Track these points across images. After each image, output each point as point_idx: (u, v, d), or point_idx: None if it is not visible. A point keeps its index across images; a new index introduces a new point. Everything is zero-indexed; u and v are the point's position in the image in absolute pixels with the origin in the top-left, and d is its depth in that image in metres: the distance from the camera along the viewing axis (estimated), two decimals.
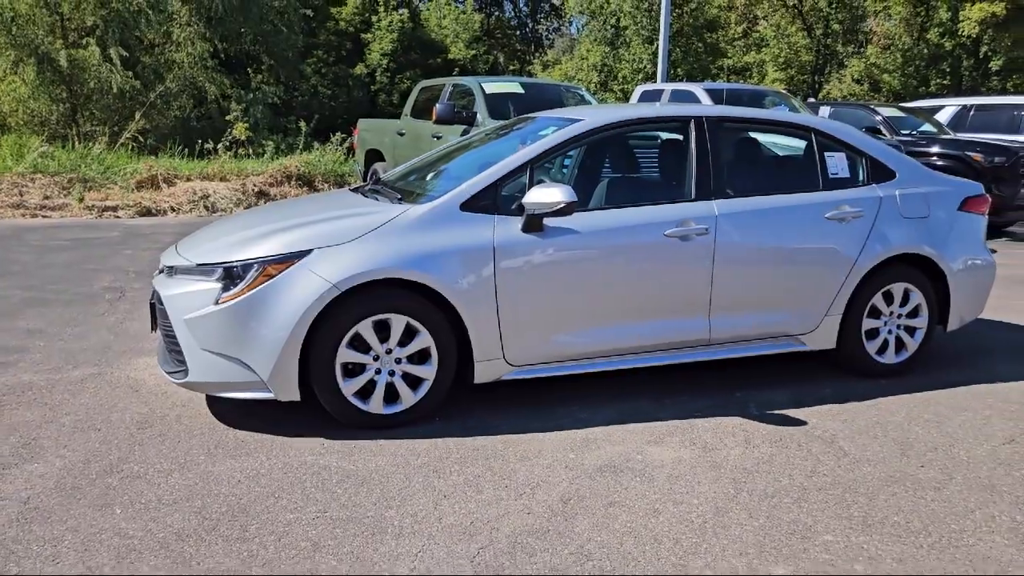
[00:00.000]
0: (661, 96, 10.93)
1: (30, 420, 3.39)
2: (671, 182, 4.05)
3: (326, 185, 11.89)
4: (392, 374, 3.34)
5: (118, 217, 9.63)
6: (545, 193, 3.38)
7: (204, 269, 3.31)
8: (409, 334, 3.33)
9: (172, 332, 3.32)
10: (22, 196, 9.83)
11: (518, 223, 3.45)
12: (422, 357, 3.38)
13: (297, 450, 3.14)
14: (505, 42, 37.37)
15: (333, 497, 2.77)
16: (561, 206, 3.35)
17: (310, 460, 3.06)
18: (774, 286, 3.91)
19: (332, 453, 3.12)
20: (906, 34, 28.14)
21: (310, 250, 3.25)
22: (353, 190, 4.34)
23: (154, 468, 2.96)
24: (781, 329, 3.98)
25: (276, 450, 3.14)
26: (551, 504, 2.76)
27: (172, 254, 3.61)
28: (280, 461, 3.04)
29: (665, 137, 4.33)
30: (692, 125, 3.91)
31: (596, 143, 4.14)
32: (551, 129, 3.93)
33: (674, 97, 10.73)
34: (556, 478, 2.96)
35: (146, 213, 9.84)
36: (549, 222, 3.48)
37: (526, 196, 3.42)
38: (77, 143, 12.63)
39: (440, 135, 8.87)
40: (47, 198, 9.92)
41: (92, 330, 4.77)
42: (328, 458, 3.08)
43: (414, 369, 3.37)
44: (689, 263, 3.73)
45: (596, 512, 2.72)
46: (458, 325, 3.38)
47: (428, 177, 4.24)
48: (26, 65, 15.08)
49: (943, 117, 12.01)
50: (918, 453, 3.27)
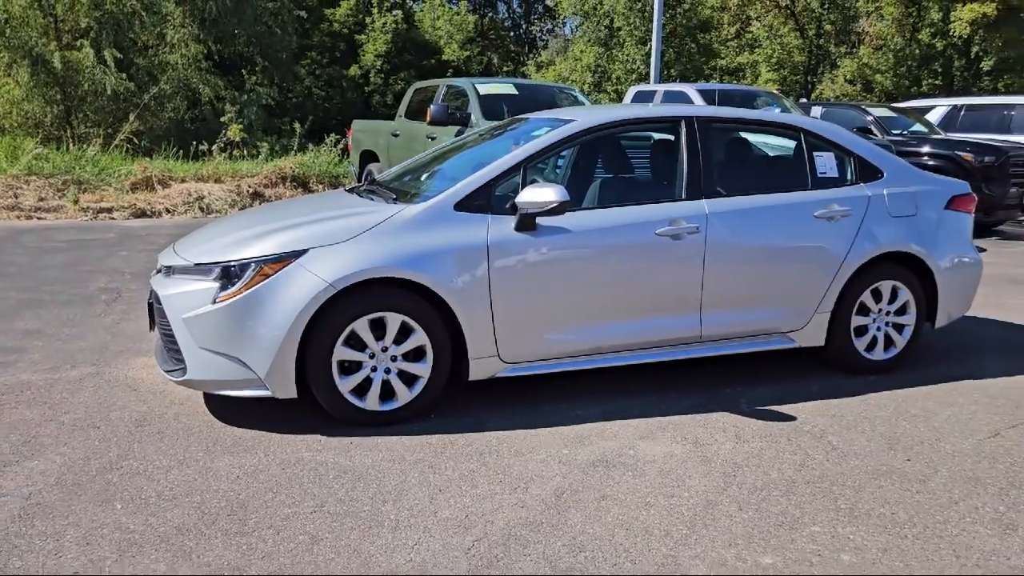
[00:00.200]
0: (654, 97, 10.99)
1: (30, 419, 3.43)
2: (662, 181, 4.10)
3: (321, 186, 11.91)
4: (388, 372, 3.39)
5: (113, 219, 9.65)
6: (538, 193, 3.43)
7: (202, 269, 3.35)
8: (404, 332, 3.38)
9: (170, 331, 3.36)
10: (17, 198, 9.84)
11: (511, 222, 3.49)
12: (417, 355, 3.42)
13: (294, 446, 3.19)
14: (499, 43, 37.36)
15: (330, 492, 2.82)
16: (554, 205, 3.40)
17: (307, 456, 3.10)
18: (764, 284, 3.96)
19: (329, 449, 3.17)
20: (898, 34, 28.30)
21: (306, 249, 3.29)
22: (348, 190, 4.38)
23: (153, 465, 3.01)
24: (771, 326, 4.04)
25: (274, 446, 3.18)
26: (544, 498, 2.82)
27: (170, 254, 3.65)
28: (278, 457, 3.09)
29: (656, 137, 4.38)
30: (683, 125, 3.97)
31: (588, 143, 4.20)
32: (544, 130, 3.97)
33: (667, 98, 10.80)
34: (549, 473, 3.01)
35: (141, 215, 9.86)
36: (542, 221, 3.52)
37: (519, 196, 3.47)
38: (71, 145, 12.65)
39: (434, 136, 8.92)
40: (42, 200, 9.93)
41: (89, 330, 4.80)
42: (325, 454, 3.12)
43: (409, 367, 3.41)
44: (680, 262, 3.78)
45: (588, 505, 2.77)
46: (453, 323, 3.43)
47: (423, 177, 4.29)
48: (20, 67, 15.04)
49: (934, 117, 12.12)
50: (905, 447, 3.33)
